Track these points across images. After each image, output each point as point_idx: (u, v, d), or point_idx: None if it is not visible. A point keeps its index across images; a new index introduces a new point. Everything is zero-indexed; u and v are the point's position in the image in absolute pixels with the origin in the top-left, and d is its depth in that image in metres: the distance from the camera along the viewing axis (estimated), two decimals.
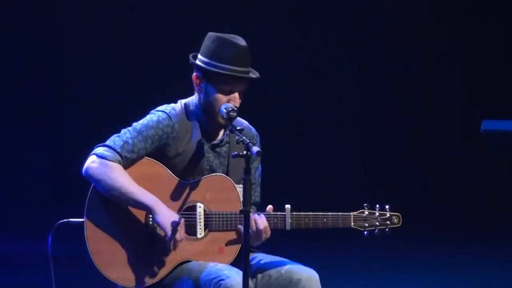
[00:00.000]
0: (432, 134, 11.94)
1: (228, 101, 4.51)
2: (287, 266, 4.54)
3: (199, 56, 4.57)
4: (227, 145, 4.65)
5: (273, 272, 4.53)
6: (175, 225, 4.39)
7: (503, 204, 11.29)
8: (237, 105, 4.52)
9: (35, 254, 9.59)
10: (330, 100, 12.07)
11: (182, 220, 4.43)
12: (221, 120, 4.53)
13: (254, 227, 4.44)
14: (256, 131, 4.75)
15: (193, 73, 4.60)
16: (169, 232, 4.39)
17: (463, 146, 11.48)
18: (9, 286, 8.23)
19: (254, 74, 4.56)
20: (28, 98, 12.09)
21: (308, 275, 4.51)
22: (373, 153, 11.95)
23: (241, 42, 4.53)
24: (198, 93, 4.60)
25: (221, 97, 4.52)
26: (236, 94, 4.54)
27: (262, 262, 4.58)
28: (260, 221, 4.47)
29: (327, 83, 12.09)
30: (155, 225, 4.44)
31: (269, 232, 4.50)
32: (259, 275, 4.53)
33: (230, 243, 4.50)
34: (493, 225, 10.99)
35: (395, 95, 12.09)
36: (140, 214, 4.47)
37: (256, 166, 4.68)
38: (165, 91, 5.01)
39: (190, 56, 4.60)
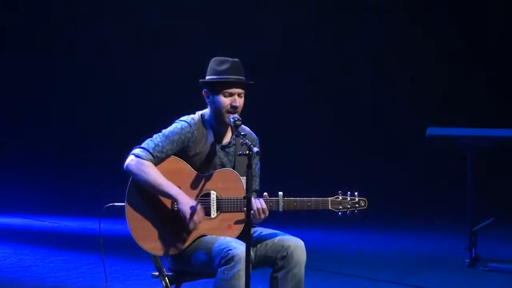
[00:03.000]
0: (387, 138, 11.93)
1: (230, 102, 4.49)
2: (279, 236, 4.53)
3: (206, 77, 4.57)
4: (234, 146, 4.63)
5: (268, 241, 4.52)
6: (193, 209, 4.38)
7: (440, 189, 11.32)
8: (237, 104, 4.51)
9: (88, 230, 9.58)
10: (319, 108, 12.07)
11: (199, 206, 4.41)
12: (226, 120, 4.51)
13: (256, 208, 4.42)
14: (256, 135, 4.73)
15: (203, 90, 4.60)
16: (188, 217, 4.38)
17: (412, 147, 11.46)
18: (68, 254, 8.20)
19: (245, 81, 4.54)
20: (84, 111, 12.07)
21: (295, 242, 4.49)
22: (345, 153, 11.95)
23: (234, 59, 4.55)
24: (208, 104, 4.60)
25: (224, 99, 4.51)
26: (236, 96, 4.52)
27: (260, 234, 4.56)
28: (260, 204, 4.45)
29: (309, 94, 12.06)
30: (178, 210, 4.42)
31: (267, 212, 4.47)
32: (258, 245, 4.51)
33: (236, 221, 4.47)
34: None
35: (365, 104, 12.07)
36: (167, 200, 4.45)
37: (256, 162, 4.66)
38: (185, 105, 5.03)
39: (200, 80, 4.60)
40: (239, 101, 4.53)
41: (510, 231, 9.39)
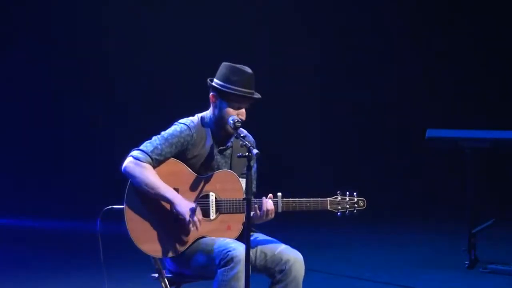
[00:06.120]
0: (388, 139, 11.93)
1: (237, 115, 4.50)
2: (279, 248, 4.50)
3: (215, 80, 4.55)
4: (231, 148, 4.63)
5: (268, 251, 4.49)
6: (192, 211, 4.38)
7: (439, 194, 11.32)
8: (244, 118, 4.51)
9: (87, 232, 9.58)
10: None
11: (198, 208, 4.41)
12: (229, 129, 4.51)
13: (265, 209, 4.43)
14: (253, 138, 4.73)
15: (210, 93, 4.58)
16: (186, 218, 4.38)
17: (412, 149, 11.45)
18: (67, 257, 8.21)
19: (257, 95, 4.55)
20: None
21: (294, 257, 4.47)
22: (342, 154, 11.96)
23: (248, 70, 4.53)
24: (213, 108, 4.58)
25: (231, 111, 4.50)
26: (243, 110, 4.53)
27: (259, 239, 4.56)
28: (268, 204, 4.45)
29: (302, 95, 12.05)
30: (176, 212, 4.42)
31: (274, 214, 4.47)
32: (258, 253, 4.49)
33: (235, 223, 4.47)
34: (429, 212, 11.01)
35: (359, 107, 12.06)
36: (166, 202, 4.46)
37: (253, 165, 4.65)
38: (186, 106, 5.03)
39: (208, 80, 4.59)
40: (244, 114, 4.54)
41: (509, 233, 9.40)
